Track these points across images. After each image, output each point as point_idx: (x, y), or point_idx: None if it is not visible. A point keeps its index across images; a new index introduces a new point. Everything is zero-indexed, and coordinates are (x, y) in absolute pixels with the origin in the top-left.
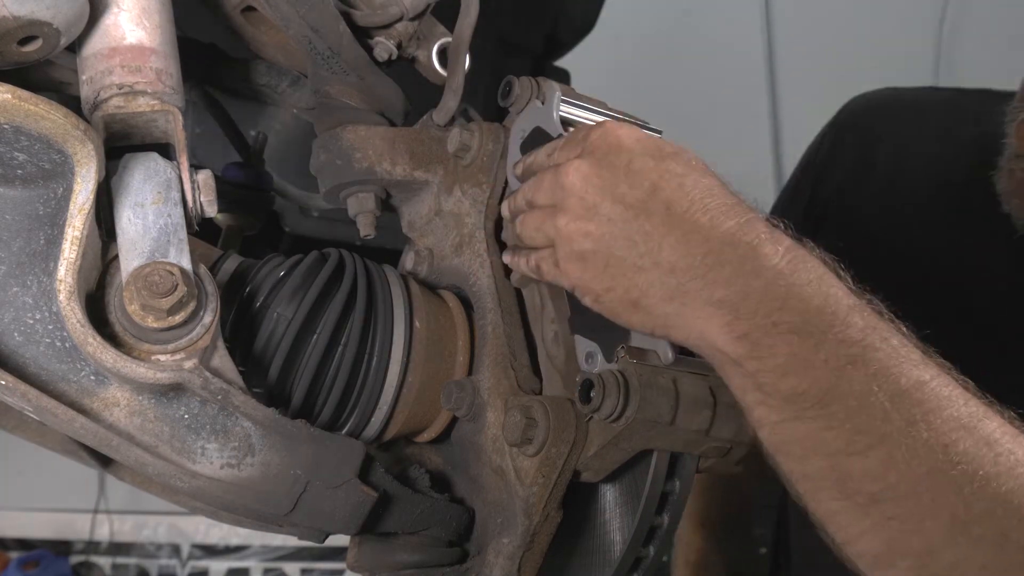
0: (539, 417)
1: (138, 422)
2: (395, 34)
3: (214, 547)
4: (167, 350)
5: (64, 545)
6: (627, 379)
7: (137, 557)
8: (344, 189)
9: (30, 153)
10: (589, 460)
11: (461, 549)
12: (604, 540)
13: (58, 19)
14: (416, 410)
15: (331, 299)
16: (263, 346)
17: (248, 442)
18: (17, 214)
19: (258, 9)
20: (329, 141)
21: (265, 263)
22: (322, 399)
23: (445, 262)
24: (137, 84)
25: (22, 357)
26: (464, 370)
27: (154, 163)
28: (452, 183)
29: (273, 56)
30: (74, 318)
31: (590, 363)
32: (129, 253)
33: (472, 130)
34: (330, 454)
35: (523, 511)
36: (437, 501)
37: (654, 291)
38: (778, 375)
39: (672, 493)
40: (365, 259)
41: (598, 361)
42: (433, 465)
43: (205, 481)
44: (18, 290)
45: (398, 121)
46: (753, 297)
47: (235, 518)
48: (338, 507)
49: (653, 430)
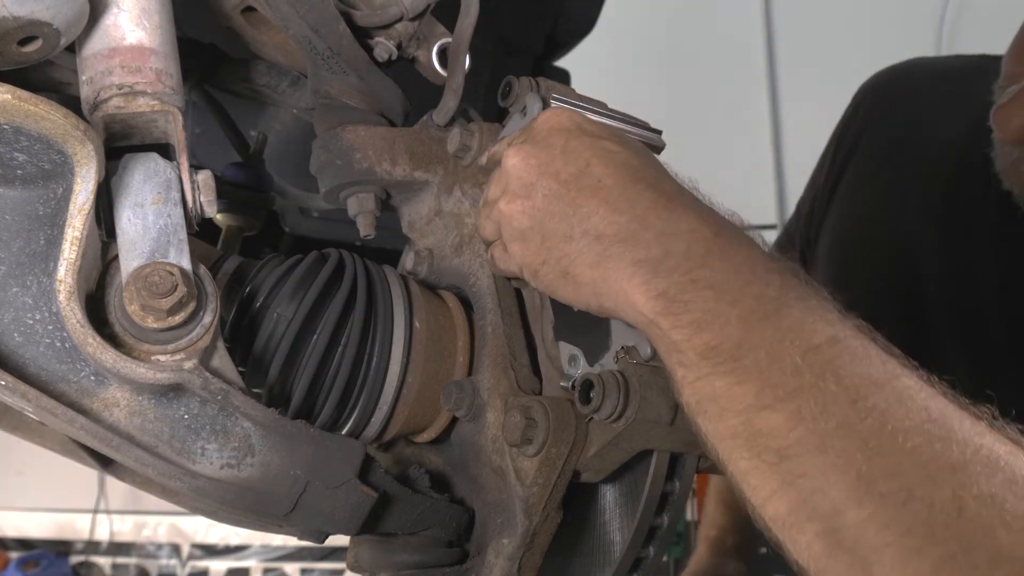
0: (539, 417)
1: (138, 422)
2: (395, 34)
3: (214, 547)
4: (167, 350)
5: (64, 545)
6: (627, 379)
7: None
8: (344, 189)
9: (30, 153)
10: (589, 460)
11: (461, 549)
12: (604, 540)
13: (58, 19)
14: (416, 410)
15: (331, 299)
16: (263, 346)
17: (248, 442)
18: (17, 214)
19: (258, 9)
20: (329, 141)
21: (265, 263)
22: (322, 399)
23: (445, 262)
24: (137, 84)
25: (22, 357)
26: (464, 370)
27: (154, 163)
28: (452, 183)
29: (273, 56)
30: (74, 318)
31: (573, 366)
32: (129, 253)
33: (472, 130)
34: (330, 454)
35: (523, 511)
36: (437, 501)
37: (581, 259)
38: (692, 331)
39: (672, 493)
40: (365, 259)
41: (580, 364)
42: (433, 465)
43: (205, 481)
44: (18, 290)
45: (398, 121)
46: (673, 256)
47: (235, 518)
48: (338, 507)
49: (653, 430)
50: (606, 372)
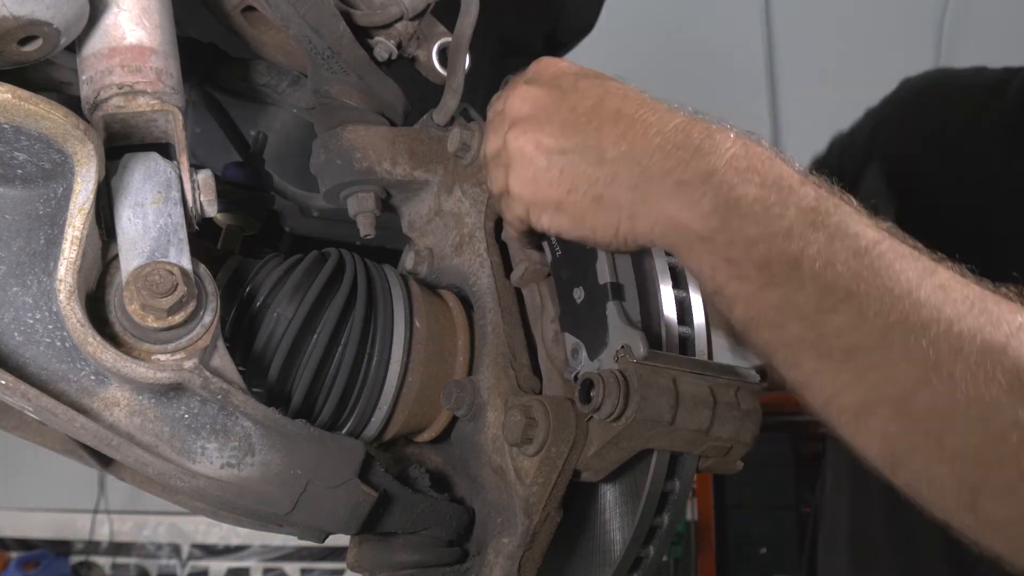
0: (539, 417)
1: (138, 422)
2: (395, 34)
3: (214, 547)
4: (167, 350)
5: (64, 545)
6: (627, 379)
7: (137, 557)
8: (344, 189)
9: (30, 153)
10: (589, 460)
11: (461, 549)
12: (604, 540)
13: (58, 19)
14: (416, 410)
15: (331, 299)
16: (263, 346)
17: (248, 442)
18: (17, 214)
19: (258, 9)
20: (329, 141)
21: (265, 263)
22: (322, 399)
23: (445, 262)
24: (137, 84)
25: (22, 357)
26: (464, 370)
27: (154, 163)
28: (452, 183)
29: (273, 56)
30: (74, 318)
31: (575, 358)
32: (129, 253)
33: (472, 130)
34: (330, 454)
35: (523, 511)
36: (437, 501)
37: (618, 181)
38: (748, 245)
39: (672, 493)
40: (365, 259)
41: (582, 357)
42: (433, 465)
43: (205, 481)
44: (18, 290)
45: (398, 121)
46: (717, 174)
47: (235, 518)
48: (338, 507)
49: (653, 430)
50: (606, 371)
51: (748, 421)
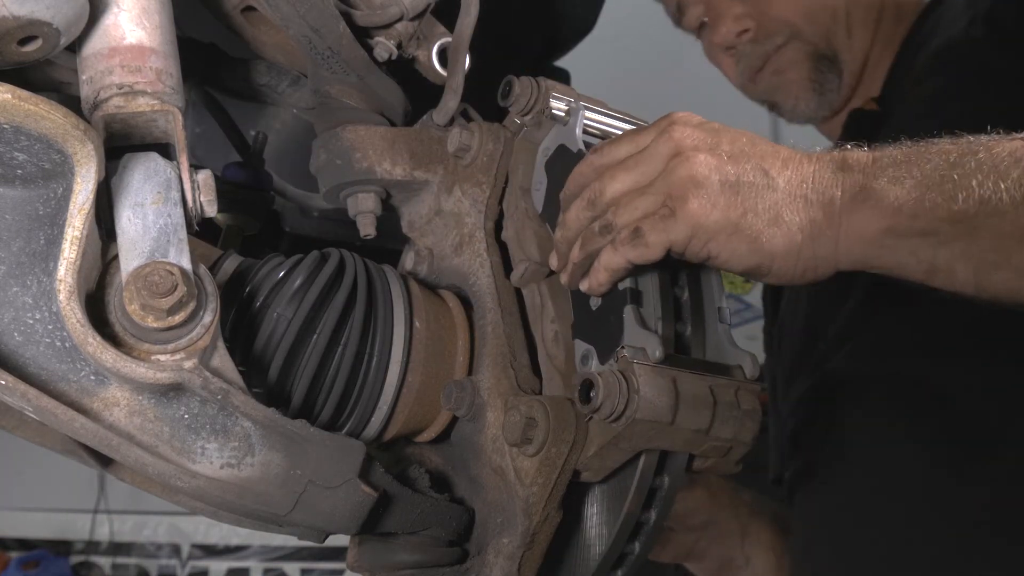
0: (539, 417)
1: (138, 422)
2: (395, 34)
3: (214, 547)
4: (167, 350)
5: (64, 545)
6: (627, 379)
7: (137, 557)
8: (344, 189)
9: (30, 153)
10: (589, 460)
11: (461, 549)
12: (588, 535)
13: (58, 19)
14: (416, 410)
15: (331, 299)
16: (263, 346)
17: (248, 442)
18: (17, 214)
19: (258, 9)
20: (329, 141)
21: (265, 263)
22: (322, 399)
23: (445, 262)
24: (137, 84)
25: (22, 357)
26: (464, 370)
27: (154, 163)
28: (452, 183)
29: (273, 56)
30: (74, 318)
31: (585, 364)
32: (129, 253)
33: (472, 130)
34: (330, 454)
35: (523, 511)
36: (437, 501)
37: (790, 205)
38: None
39: (660, 488)
40: (365, 259)
41: (592, 363)
42: (433, 465)
43: (205, 481)
44: (18, 290)
45: (398, 121)
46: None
47: (235, 518)
48: (338, 507)
49: (653, 430)
50: (606, 372)
51: (748, 421)
